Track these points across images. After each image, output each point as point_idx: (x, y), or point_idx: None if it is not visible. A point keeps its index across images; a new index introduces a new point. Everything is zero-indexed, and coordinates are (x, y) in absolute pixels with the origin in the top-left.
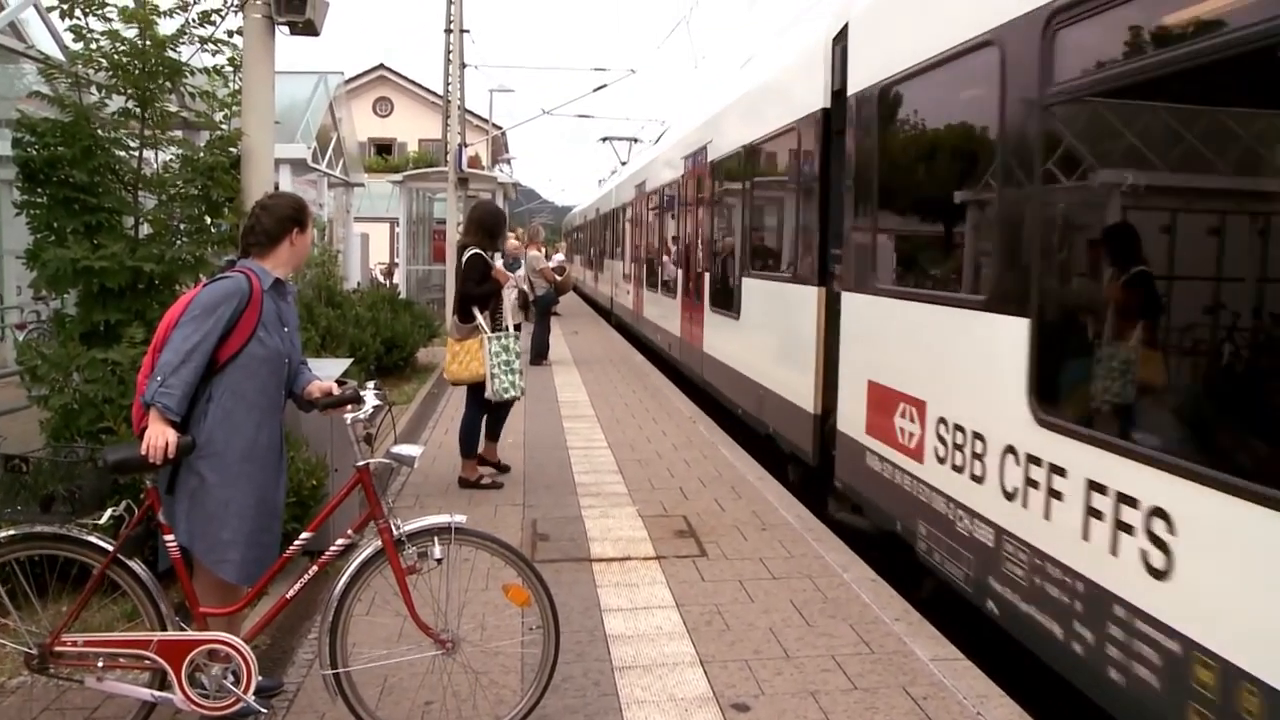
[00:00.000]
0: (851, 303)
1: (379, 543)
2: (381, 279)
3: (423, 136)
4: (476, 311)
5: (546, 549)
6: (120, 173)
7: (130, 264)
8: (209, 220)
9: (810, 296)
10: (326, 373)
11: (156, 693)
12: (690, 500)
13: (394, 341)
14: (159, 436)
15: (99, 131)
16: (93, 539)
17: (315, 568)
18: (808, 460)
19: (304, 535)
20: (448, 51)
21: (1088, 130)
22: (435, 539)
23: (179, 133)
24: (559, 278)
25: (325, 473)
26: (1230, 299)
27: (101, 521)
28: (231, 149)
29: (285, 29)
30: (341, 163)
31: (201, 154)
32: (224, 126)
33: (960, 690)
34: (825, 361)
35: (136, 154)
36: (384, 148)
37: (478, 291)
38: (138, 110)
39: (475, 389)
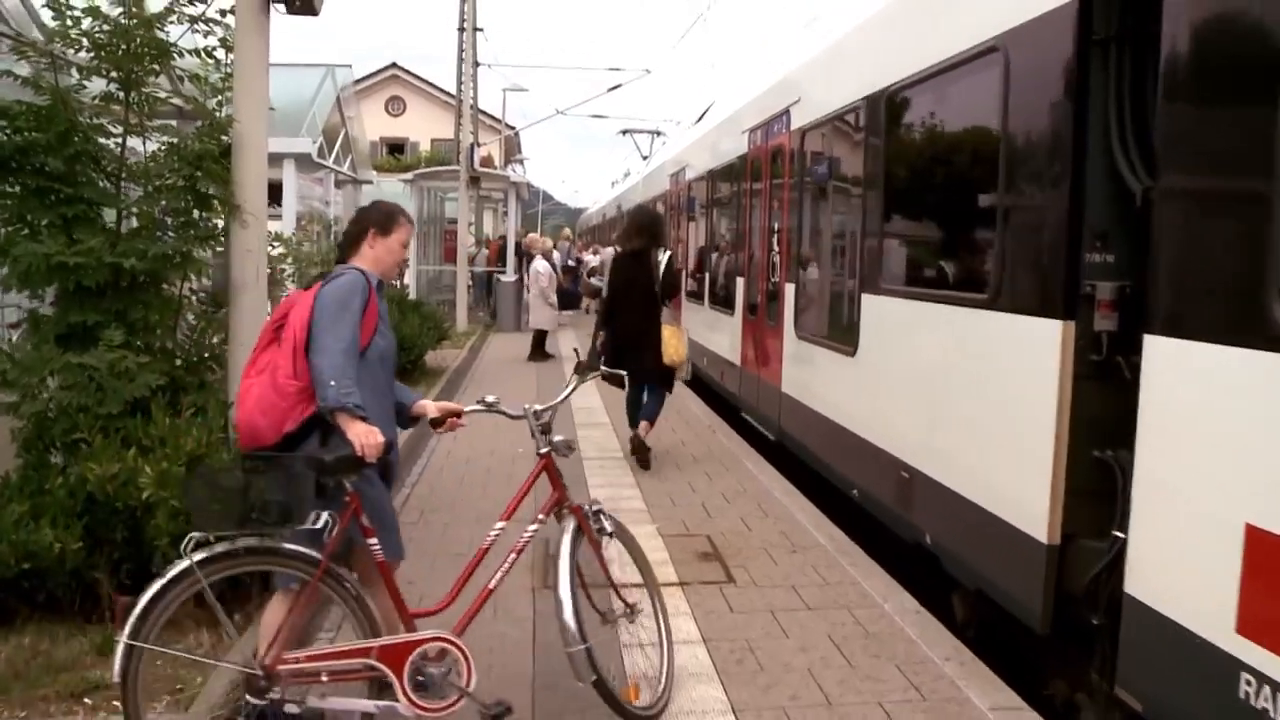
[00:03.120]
0: (1194, 361)
1: (573, 521)
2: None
3: (435, 136)
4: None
5: None
6: (101, 162)
7: (109, 260)
8: (197, 214)
9: (1041, 337)
10: None
11: (381, 703)
12: (714, 518)
13: (402, 344)
14: (370, 434)
15: (78, 116)
16: (304, 550)
17: (514, 556)
18: (1030, 622)
19: (498, 525)
20: (460, 49)
21: None
22: (604, 516)
23: (171, 121)
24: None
25: None
26: None
27: (318, 528)
28: (222, 136)
29: (281, 7)
30: (350, 159)
31: (189, 142)
32: (217, 113)
33: None
34: (1071, 453)
35: (120, 141)
36: (396, 147)
37: (679, 287)
38: (121, 94)
39: (664, 372)
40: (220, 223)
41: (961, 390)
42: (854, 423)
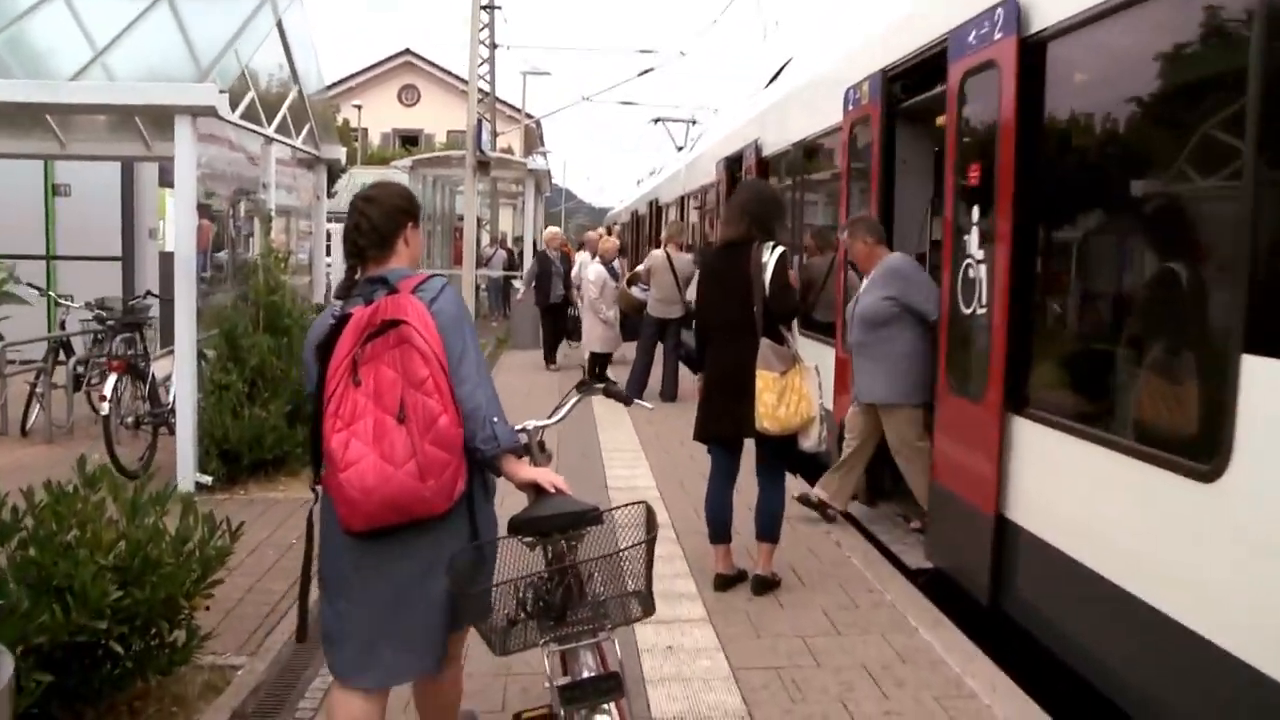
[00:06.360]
0: None
1: None
2: None
3: (451, 128)
4: (787, 332)
5: None
6: None
7: None
8: None
9: None
10: None
11: None
12: None
13: None
14: (548, 473)
15: None
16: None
17: None
18: None
19: None
20: (476, 26)
21: None
22: None
23: None
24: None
25: None
26: None
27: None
28: None
29: None
30: (307, 129)
31: None
32: None
33: None
34: None
35: None
36: (410, 139)
37: (796, 304)
38: None
39: (787, 441)
40: None
41: None
42: (1231, 634)
